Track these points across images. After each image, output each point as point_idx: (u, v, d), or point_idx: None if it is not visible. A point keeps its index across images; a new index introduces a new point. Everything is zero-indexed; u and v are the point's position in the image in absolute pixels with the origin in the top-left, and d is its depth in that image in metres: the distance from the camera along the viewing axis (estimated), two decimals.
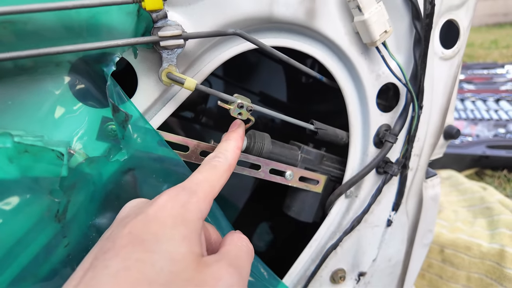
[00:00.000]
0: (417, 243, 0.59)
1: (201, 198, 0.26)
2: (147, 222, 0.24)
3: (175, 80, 0.32)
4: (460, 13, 0.48)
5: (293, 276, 0.48)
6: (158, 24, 0.30)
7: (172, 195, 0.26)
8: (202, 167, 0.30)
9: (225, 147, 0.33)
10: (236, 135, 0.35)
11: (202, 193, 0.27)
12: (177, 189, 0.27)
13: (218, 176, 0.29)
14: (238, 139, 0.35)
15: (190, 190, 0.27)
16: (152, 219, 0.24)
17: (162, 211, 0.24)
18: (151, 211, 0.24)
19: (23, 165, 0.27)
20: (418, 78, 0.44)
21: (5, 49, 0.27)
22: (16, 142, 0.25)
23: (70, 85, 0.31)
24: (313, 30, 0.38)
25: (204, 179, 0.28)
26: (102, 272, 0.21)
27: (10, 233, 0.29)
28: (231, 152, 0.32)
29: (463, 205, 1.08)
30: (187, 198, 0.26)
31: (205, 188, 0.27)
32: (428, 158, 0.54)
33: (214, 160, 0.31)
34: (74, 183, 0.29)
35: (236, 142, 0.34)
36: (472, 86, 2.09)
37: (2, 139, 0.25)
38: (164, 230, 0.23)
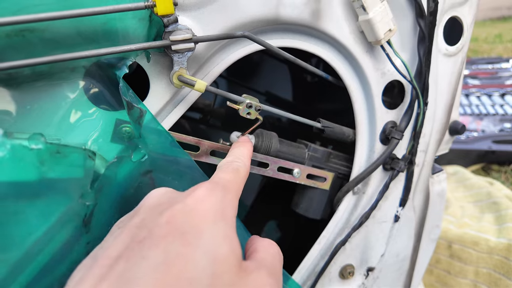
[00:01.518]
0: (425, 239, 0.59)
1: (234, 196, 0.26)
2: (187, 213, 0.22)
3: (185, 83, 0.33)
4: (463, 10, 0.48)
5: (302, 272, 0.49)
6: (169, 29, 0.31)
7: (210, 188, 0.24)
8: (226, 169, 0.29)
9: (241, 152, 0.33)
10: (247, 145, 0.36)
11: (234, 192, 0.26)
12: (211, 183, 0.25)
13: (241, 178, 0.29)
14: (249, 148, 0.35)
15: (224, 186, 0.26)
16: (192, 211, 0.22)
17: (202, 203, 0.23)
18: (190, 201, 0.23)
19: (54, 166, 0.27)
20: (422, 75, 0.45)
21: (24, 56, 0.28)
22: (48, 143, 0.26)
23: (85, 89, 0.33)
24: (318, 30, 0.39)
25: (230, 180, 0.28)
26: (140, 264, 0.19)
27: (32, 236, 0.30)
28: (247, 158, 0.33)
29: (470, 201, 1.08)
30: (223, 194, 0.25)
31: (234, 187, 0.27)
32: (434, 154, 0.54)
33: (234, 163, 0.30)
34: (102, 185, 0.30)
35: (248, 150, 0.34)
36: (477, 81, 2.08)
37: (35, 141, 0.26)
38: (206, 225, 0.22)
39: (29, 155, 0.27)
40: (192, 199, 0.23)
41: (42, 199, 0.30)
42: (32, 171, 0.29)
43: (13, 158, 0.28)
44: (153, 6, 0.29)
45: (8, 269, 0.31)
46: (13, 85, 0.29)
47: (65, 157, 0.27)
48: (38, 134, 0.26)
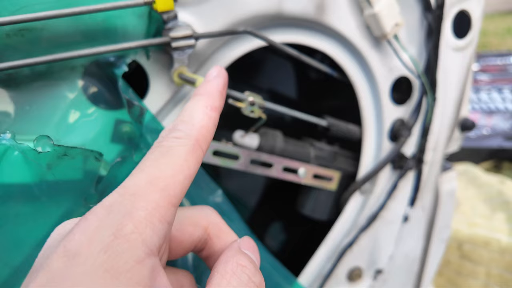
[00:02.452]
0: (434, 239, 0.58)
1: (143, 219, 0.16)
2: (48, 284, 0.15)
3: (186, 80, 0.32)
4: (472, 3, 0.47)
5: (309, 275, 0.48)
6: (168, 25, 0.30)
7: (90, 229, 0.16)
8: (147, 157, 0.19)
9: (191, 110, 0.22)
10: (209, 88, 0.23)
11: (144, 210, 0.17)
12: (98, 215, 0.16)
13: (175, 165, 0.19)
14: (212, 93, 0.23)
15: (121, 211, 0.16)
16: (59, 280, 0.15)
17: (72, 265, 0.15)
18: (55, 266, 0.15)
19: (61, 169, 0.27)
20: (431, 70, 0.43)
21: (23, 55, 0.27)
22: (56, 145, 0.25)
23: (84, 89, 0.32)
24: (323, 25, 0.38)
25: (146, 182, 0.18)
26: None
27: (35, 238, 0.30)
28: (200, 116, 0.21)
29: (480, 199, 1.06)
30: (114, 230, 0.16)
31: (150, 199, 0.17)
32: (444, 151, 0.53)
33: (168, 138, 0.20)
34: (105, 187, 0.29)
35: (208, 98, 0.22)
36: (486, 76, 2.05)
37: (42, 144, 0.25)
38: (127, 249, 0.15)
39: (37, 158, 0.26)
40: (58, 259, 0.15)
41: (46, 200, 0.30)
42: (37, 173, 0.29)
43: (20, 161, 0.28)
44: (152, 3, 0.28)
45: (11, 271, 0.31)
46: (12, 85, 0.29)
47: (72, 159, 0.26)
48: (46, 137, 0.25)
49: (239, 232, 0.39)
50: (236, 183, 0.73)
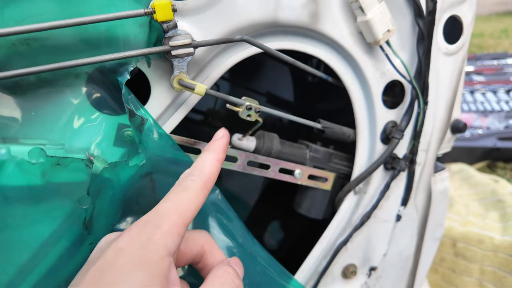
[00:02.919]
0: (428, 237, 0.59)
1: (167, 231, 0.24)
2: (104, 271, 0.22)
3: (186, 86, 0.34)
4: (463, 8, 0.48)
5: (305, 272, 0.49)
6: (169, 34, 0.32)
7: (133, 234, 0.24)
8: (171, 191, 0.28)
9: (202, 161, 0.30)
10: (216, 146, 0.32)
11: (168, 226, 0.25)
12: (139, 225, 0.25)
13: (190, 199, 0.27)
14: (218, 150, 0.32)
15: (153, 224, 0.25)
16: (109, 267, 0.23)
17: (121, 255, 0.23)
18: (109, 256, 0.23)
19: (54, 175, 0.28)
20: (422, 75, 0.45)
21: (29, 64, 0.29)
22: (49, 156, 0.27)
23: (88, 95, 0.33)
24: (317, 32, 0.40)
25: (171, 207, 0.26)
26: None
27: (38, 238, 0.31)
28: (209, 166, 0.30)
29: (474, 199, 1.08)
30: (148, 236, 0.24)
31: (171, 219, 0.25)
32: (436, 152, 0.54)
33: (186, 180, 0.29)
34: (99, 190, 0.31)
35: (215, 153, 0.31)
36: (482, 77, 2.07)
37: (36, 155, 0.27)
38: (121, 278, 0.22)
39: (32, 168, 0.29)
40: (111, 253, 0.23)
41: (47, 202, 0.31)
42: (36, 176, 0.30)
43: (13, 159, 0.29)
44: (152, 13, 0.29)
45: (17, 269, 0.32)
46: (19, 92, 0.30)
47: (65, 167, 0.29)
48: (39, 149, 0.27)
49: (237, 230, 0.41)
50: (236, 183, 0.75)
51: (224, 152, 0.32)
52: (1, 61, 0.28)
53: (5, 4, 0.27)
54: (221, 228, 0.39)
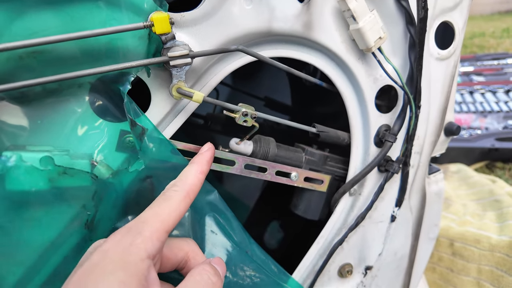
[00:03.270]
0: (423, 237, 0.61)
1: (147, 237, 0.27)
2: (89, 271, 0.25)
3: (184, 94, 0.35)
4: (454, 15, 0.50)
5: (302, 271, 0.51)
6: (167, 45, 0.33)
7: (116, 239, 0.27)
8: (155, 201, 0.30)
9: (186, 172, 0.33)
10: (201, 159, 0.35)
11: (149, 232, 0.27)
12: (122, 231, 0.28)
13: (171, 208, 0.29)
14: (202, 162, 0.34)
15: (135, 230, 0.27)
16: (94, 268, 0.25)
17: (104, 257, 0.25)
18: (95, 258, 0.26)
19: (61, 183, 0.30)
20: (414, 80, 0.46)
21: (35, 75, 0.30)
22: (57, 165, 0.29)
23: (91, 103, 0.35)
24: (311, 40, 0.41)
25: (152, 215, 0.29)
26: None
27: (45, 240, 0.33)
28: (191, 178, 0.32)
29: (472, 199, 1.09)
30: (130, 240, 0.26)
31: (153, 225, 0.28)
32: (429, 155, 0.55)
33: (169, 190, 0.31)
34: (102, 196, 0.32)
35: (199, 165, 0.34)
36: (481, 78, 2.07)
37: (45, 163, 0.29)
38: (104, 277, 0.24)
39: (40, 174, 0.31)
40: (96, 256, 0.26)
41: (52, 206, 0.33)
42: (42, 181, 0.32)
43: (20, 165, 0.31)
44: (151, 26, 0.31)
45: (25, 270, 0.34)
46: (26, 102, 0.32)
47: (71, 177, 0.31)
48: (49, 157, 0.29)
49: (234, 229, 0.42)
50: (235, 186, 0.76)
51: (208, 164, 0.35)
52: (9, 73, 0.30)
53: (12, 20, 0.29)
54: (218, 227, 0.41)
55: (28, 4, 0.29)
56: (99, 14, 0.31)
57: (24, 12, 0.29)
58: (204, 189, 0.40)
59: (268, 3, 0.37)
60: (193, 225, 0.40)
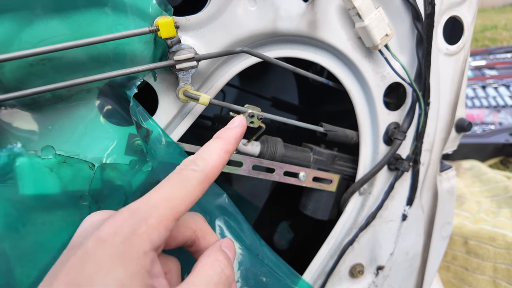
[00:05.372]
0: (436, 236, 0.60)
1: (153, 225, 0.22)
2: (84, 263, 0.21)
3: (191, 97, 0.35)
4: (462, 9, 0.49)
5: (312, 272, 0.51)
6: (173, 49, 0.34)
7: (116, 224, 0.22)
8: (168, 178, 0.25)
9: (209, 149, 0.27)
10: (228, 134, 0.29)
11: (155, 220, 0.23)
12: (124, 213, 0.23)
13: (186, 191, 0.24)
14: (229, 139, 0.28)
15: (139, 216, 0.23)
16: (89, 259, 0.21)
17: (101, 248, 0.21)
18: (90, 246, 0.22)
19: (61, 177, 0.31)
20: (423, 76, 0.45)
21: (45, 82, 0.31)
22: (57, 154, 0.30)
23: (100, 108, 0.36)
24: (316, 39, 0.41)
25: (163, 198, 0.24)
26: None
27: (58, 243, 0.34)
28: (214, 157, 0.27)
29: (486, 196, 1.07)
30: (132, 229, 0.22)
31: (161, 211, 0.23)
32: (440, 152, 0.55)
33: (187, 169, 0.26)
34: (101, 190, 0.33)
35: (225, 143, 0.28)
36: (494, 71, 2.02)
37: (46, 152, 0.29)
38: (100, 273, 0.21)
39: (41, 163, 0.31)
40: (92, 243, 0.22)
41: (64, 209, 0.33)
42: (54, 184, 0.32)
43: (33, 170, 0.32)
44: (157, 30, 0.31)
45: (40, 273, 0.34)
46: (36, 108, 0.32)
47: (70, 166, 0.31)
48: (50, 147, 0.30)
49: (244, 232, 0.42)
50: (245, 187, 0.76)
51: (236, 143, 0.29)
52: (20, 80, 0.31)
53: (22, 28, 0.29)
54: (229, 230, 0.41)
55: (36, 13, 0.29)
56: (106, 20, 0.31)
57: (33, 20, 0.29)
58: (214, 192, 0.40)
59: (272, 4, 0.37)
60: None
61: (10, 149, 0.29)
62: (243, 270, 0.41)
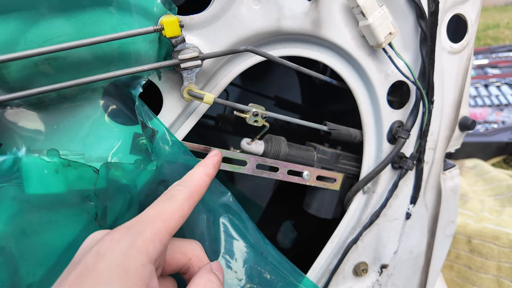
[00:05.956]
0: (439, 235, 0.60)
1: (149, 238, 0.24)
2: (83, 277, 0.22)
3: (195, 96, 0.36)
4: (466, 7, 0.49)
5: (316, 270, 0.51)
6: (177, 48, 0.34)
7: (114, 240, 0.24)
8: (158, 199, 0.29)
9: (191, 174, 0.32)
10: (207, 162, 0.34)
11: (150, 233, 0.25)
12: (121, 231, 0.25)
13: (174, 208, 0.27)
14: (208, 165, 0.34)
15: (135, 231, 0.25)
16: (89, 273, 0.22)
17: (101, 261, 0.23)
18: (90, 261, 0.23)
19: (67, 177, 0.31)
20: (426, 74, 0.45)
21: (50, 81, 0.31)
22: (62, 157, 0.30)
23: (104, 107, 0.36)
24: (320, 38, 0.41)
25: (155, 215, 0.26)
26: None
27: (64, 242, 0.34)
28: (196, 179, 0.31)
29: (489, 194, 1.06)
30: (130, 242, 0.24)
31: (155, 226, 0.25)
32: (444, 150, 0.54)
33: (173, 189, 0.30)
34: (106, 189, 0.33)
35: (205, 168, 0.33)
36: (497, 70, 2.02)
37: (51, 155, 0.30)
38: (99, 286, 0.22)
39: (46, 165, 0.31)
40: (91, 258, 0.23)
41: (69, 209, 0.33)
42: (59, 184, 0.32)
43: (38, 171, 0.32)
44: (161, 29, 0.31)
45: (46, 272, 0.35)
46: (42, 107, 0.33)
47: (75, 169, 0.31)
48: (55, 150, 0.30)
49: (249, 230, 0.42)
50: (249, 185, 0.76)
51: (215, 168, 0.34)
52: (26, 80, 0.31)
53: (27, 28, 0.29)
54: (233, 228, 0.41)
55: (42, 12, 0.30)
56: (110, 20, 0.31)
57: (38, 20, 0.29)
58: (218, 191, 0.40)
59: (276, 2, 0.37)
60: (208, 227, 0.40)
61: (15, 152, 0.29)
62: (247, 268, 0.41)
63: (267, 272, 0.42)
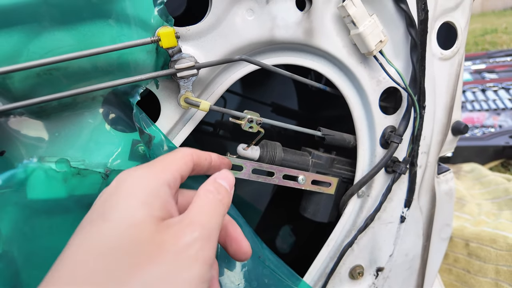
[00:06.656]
0: (435, 238, 0.60)
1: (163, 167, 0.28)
2: (108, 196, 0.26)
3: (191, 104, 0.37)
4: (456, 14, 0.50)
5: (313, 274, 0.51)
6: (174, 58, 0.35)
7: (131, 170, 0.28)
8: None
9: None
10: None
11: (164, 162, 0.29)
12: (136, 167, 0.29)
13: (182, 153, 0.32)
14: None
15: (150, 164, 0.29)
16: (113, 192, 0.26)
17: (122, 183, 0.27)
18: (113, 185, 0.27)
19: (74, 184, 0.32)
20: (417, 81, 0.47)
21: (52, 91, 0.32)
22: (72, 167, 0.31)
23: (104, 115, 0.37)
24: (312, 46, 0.42)
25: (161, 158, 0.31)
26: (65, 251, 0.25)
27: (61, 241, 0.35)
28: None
29: (487, 198, 1.07)
30: (146, 170, 0.28)
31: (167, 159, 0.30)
32: (437, 154, 0.55)
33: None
34: None
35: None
36: (494, 75, 2.03)
37: (61, 165, 0.31)
38: (122, 199, 0.25)
39: (56, 175, 0.32)
40: (114, 183, 0.27)
41: (71, 213, 0.35)
42: (61, 189, 0.34)
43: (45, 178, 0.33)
44: (158, 40, 0.33)
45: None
46: (44, 116, 0.34)
47: (84, 177, 0.32)
48: (65, 160, 0.31)
49: (245, 234, 0.43)
50: (246, 190, 0.77)
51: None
52: (28, 89, 0.32)
53: (30, 40, 0.31)
54: None
55: (44, 25, 0.31)
56: (110, 31, 0.33)
57: (40, 32, 0.31)
58: None
59: (270, 13, 0.38)
60: None
61: (26, 165, 0.31)
62: (245, 272, 0.42)
63: (265, 276, 0.43)
